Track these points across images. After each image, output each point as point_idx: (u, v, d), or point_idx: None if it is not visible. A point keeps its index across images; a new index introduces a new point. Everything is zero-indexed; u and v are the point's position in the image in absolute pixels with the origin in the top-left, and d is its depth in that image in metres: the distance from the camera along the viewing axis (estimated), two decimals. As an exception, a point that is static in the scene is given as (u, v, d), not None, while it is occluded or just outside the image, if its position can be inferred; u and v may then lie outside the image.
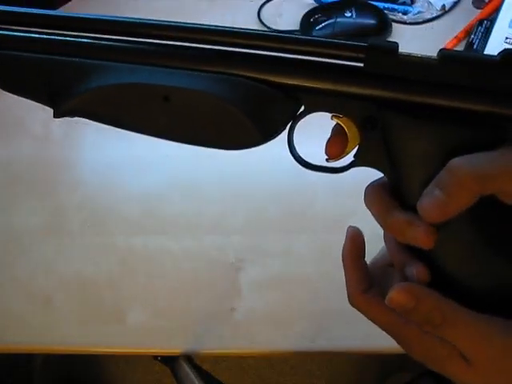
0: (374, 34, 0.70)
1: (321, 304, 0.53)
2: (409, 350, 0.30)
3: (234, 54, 0.30)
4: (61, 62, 0.31)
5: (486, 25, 0.66)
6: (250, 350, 0.53)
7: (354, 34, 0.70)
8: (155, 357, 0.78)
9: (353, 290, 0.32)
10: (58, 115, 0.32)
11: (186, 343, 0.53)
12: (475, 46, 0.65)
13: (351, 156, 0.31)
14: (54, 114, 0.32)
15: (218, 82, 0.29)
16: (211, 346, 0.53)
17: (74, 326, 0.54)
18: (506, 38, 0.63)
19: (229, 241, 0.58)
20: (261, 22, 0.73)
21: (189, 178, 0.60)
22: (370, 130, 0.29)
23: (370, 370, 1.18)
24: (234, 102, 0.29)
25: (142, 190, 0.61)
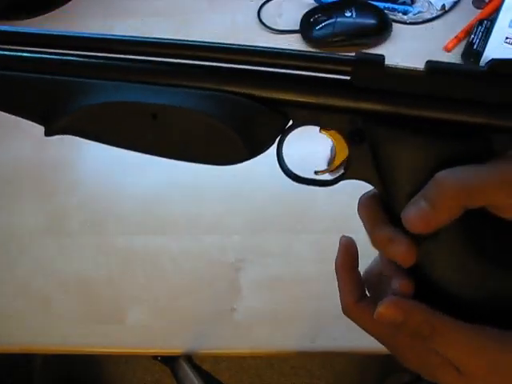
0: (374, 33, 0.70)
1: (321, 304, 0.53)
2: (402, 359, 0.30)
3: (220, 69, 0.30)
4: (49, 81, 0.31)
5: (486, 25, 0.66)
6: (250, 350, 0.53)
7: (354, 33, 0.69)
8: (155, 357, 0.78)
9: (346, 300, 0.32)
10: (48, 134, 0.32)
11: (186, 343, 0.53)
12: (475, 46, 0.65)
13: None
14: (45, 133, 0.32)
15: (204, 99, 0.29)
16: (211, 346, 0.53)
17: (73, 326, 0.54)
18: (506, 37, 0.63)
19: (229, 241, 0.58)
20: (261, 21, 0.73)
21: (189, 178, 0.60)
22: (358, 143, 0.29)
23: (370, 370, 1.18)
24: (222, 118, 0.29)
25: (142, 190, 0.61)
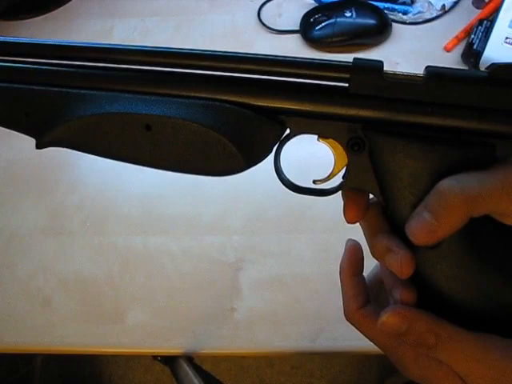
0: (374, 33, 0.70)
1: (321, 304, 0.53)
2: (404, 370, 0.29)
3: (214, 78, 0.30)
4: (38, 92, 0.30)
5: (486, 25, 0.66)
6: (250, 350, 0.53)
7: (353, 34, 0.69)
8: (155, 357, 0.78)
9: (349, 306, 0.31)
10: (40, 146, 0.31)
11: (186, 343, 0.53)
12: (475, 46, 0.65)
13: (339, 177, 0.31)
14: (37, 145, 0.31)
15: (199, 109, 0.29)
16: (211, 346, 0.53)
17: (73, 326, 0.54)
18: (506, 37, 0.63)
19: (229, 241, 0.58)
20: (261, 22, 0.73)
21: (189, 178, 0.60)
22: (357, 152, 0.29)
23: (370, 370, 1.18)
24: (217, 128, 0.28)
25: (142, 190, 0.61)
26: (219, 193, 0.60)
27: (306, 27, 0.71)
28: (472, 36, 0.66)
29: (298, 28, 0.72)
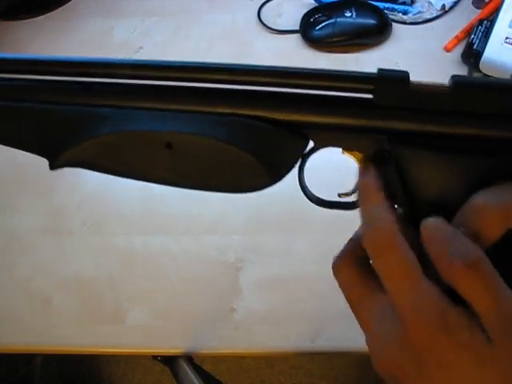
0: (374, 33, 0.70)
1: (321, 304, 0.53)
2: (365, 329, 0.28)
3: (235, 92, 0.28)
4: (48, 111, 0.29)
5: (486, 25, 0.66)
6: (250, 350, 0.53)
7: (353, 34, 0.69)
8: (155, 357, 0.78)
9: (342, 252, 0.30)
10: (53, 167, 0.30)
11: (186, 343, 0.53)
12: (475, 46, 0.65)
13: None
14: (50, 166, 0.30)
15: (220, 125, 0.28)
16: (211, 346, 0.53)
17: (73, 327, 0.54)
18: (506, 37, 0.63)
19: (229, 241, 0.58)
20: (261, 22, 0.73)
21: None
22: (383, 164, 0.28)
23: (370, 370, 1.18)
24: (239, 144, 0.28)
25: (142, 190, 0.61)
26: (219, 193, 0.60)
27: (306, 27, 0.71)
28: (472, 36, 0.66)
29: (298, 28, 0.72)
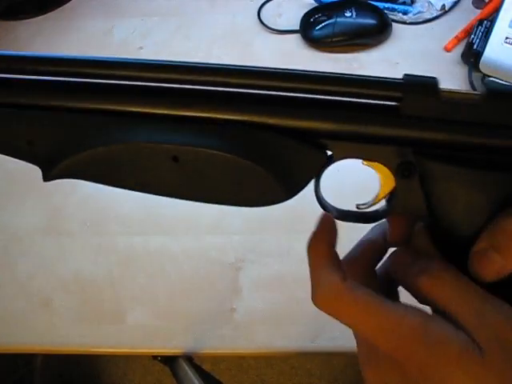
0: (374, 33, 0.70)
1: (321, 304, 0.53)
2: (367, 370, 0.28)
3: (247, 96, 0.26)
4: (43, 117, 0.26)
5: (485, 25, 0.66)
6: (250, 350, 0.53)
7: (354, 34, 0.69)
8: (155, 357, 0.78)
9: (331, 279, 0.26)
10: (47, 178, 0.27)
11: (186, 343, 0.53)
12: (475, 46, 0.65)
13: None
14: (44, 177, 0.27)
15: (229, 136, 0.25)
16: (211, 346, 0.53)
17: (73, 326, 0.54)
18: (506, 37, 0.63)
19: (229, 241, 0.58)
20: (261, 21, 0.74)
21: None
22: (406, 177, 0.26)
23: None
24: (250, 157, 0.25)
25: (141, 190, 0.61)
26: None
27: (306, 27, 0.71)
28: (472, 36, 0.66)
29: (298, 28, 0.72)
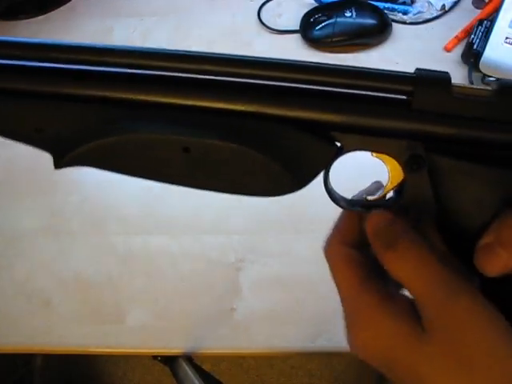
0: (374, 33, 0.70)
1: (321, 304, 0.53)
2: (352, 328, 0.28)
3: (258, 88, 0.26)
4: (54, 105, 0.26)
5: (485, 25, 0.66)
6: (250, 350, 0.53)
7: (354, 34, 0.69)
8: (155, 357, 0.78)
9: (332, 237, 0.30)
10: (58, 166, 0.27)
11: (186, 343, 0.53)
12: (475, 46, 0.65)
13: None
14: (55, 165, 0.27)
15: (239, 128, 0.26)
16: (211, 346, 0.53)
17: (73, 326, 0.54)
18: (506, 37, 0.63)
19: (229, 241, 0.58)
20: (261, 21, 0.73)
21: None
22: (415, 170, 0.26)
23: (370, 370, 1.18)
24: (260, 148, 0.25)
25: (142, 190, 0.61)
26: (219, 193, 0.60)
27: (306, 27, 0.71)
28: (472, 36, 0.66)
29: (298, 28, 0.72)
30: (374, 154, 0.27)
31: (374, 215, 0.27)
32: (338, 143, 0.27)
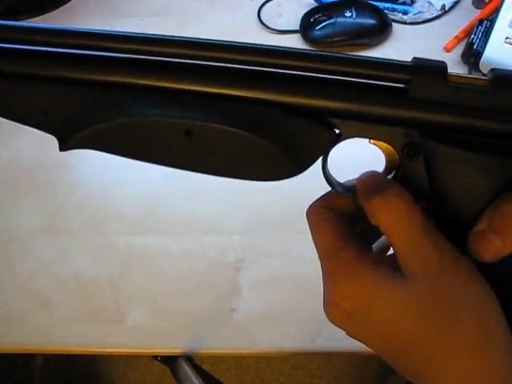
0: (374, 33, 0.70)
1: (321, 304, 0.53)
2: (330, 284, 0.29)
3: (258, 74, 0.27)
4: (61, 88, 0.27)
5: (486, 25, 0.66)
6: (250, 350, 0.53)
7: (353, 34, 0.70)
8: (155, 357, 0.78)
9: (320, 201, 0.30)
10: (63, 148, 0.28)
11: (186, 343, 0.53)
12: (475, 46, 0.65)
13: None
14: (60, 147, 0.28)
15: (241, 113, 0.26)
16: (211, 346, 0.53)
17: (73, 326, 0.54)
18: (506, 37, 0.63)
19: (229, 241, 0.58)
20: (261, 21, 0.74)
21: (188, 178, 0.60)
22: (411, 157, 0.27)
23: (370, 370, 1.18)
24: (261, 133, 0.26)
25: (142, 190, 0.61)
26: (219, 192, 0.60)
27: (306, 27, 0.71)
28: (472, 36, 0.66)
29: (298, 28, 0.72)
30: (371, 141, 0.28)
31: (366, 172, 0.28)
32: (336, 130, 0.27)
